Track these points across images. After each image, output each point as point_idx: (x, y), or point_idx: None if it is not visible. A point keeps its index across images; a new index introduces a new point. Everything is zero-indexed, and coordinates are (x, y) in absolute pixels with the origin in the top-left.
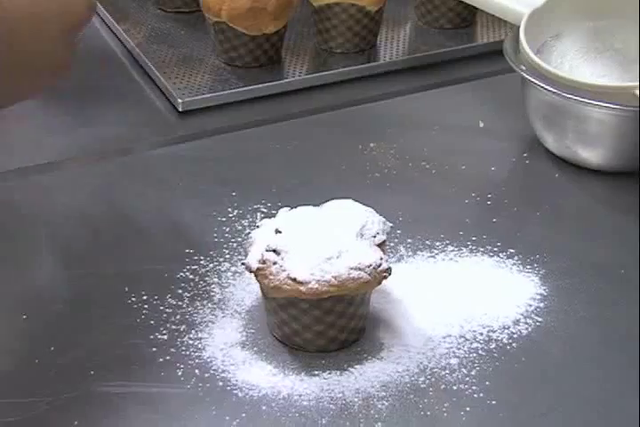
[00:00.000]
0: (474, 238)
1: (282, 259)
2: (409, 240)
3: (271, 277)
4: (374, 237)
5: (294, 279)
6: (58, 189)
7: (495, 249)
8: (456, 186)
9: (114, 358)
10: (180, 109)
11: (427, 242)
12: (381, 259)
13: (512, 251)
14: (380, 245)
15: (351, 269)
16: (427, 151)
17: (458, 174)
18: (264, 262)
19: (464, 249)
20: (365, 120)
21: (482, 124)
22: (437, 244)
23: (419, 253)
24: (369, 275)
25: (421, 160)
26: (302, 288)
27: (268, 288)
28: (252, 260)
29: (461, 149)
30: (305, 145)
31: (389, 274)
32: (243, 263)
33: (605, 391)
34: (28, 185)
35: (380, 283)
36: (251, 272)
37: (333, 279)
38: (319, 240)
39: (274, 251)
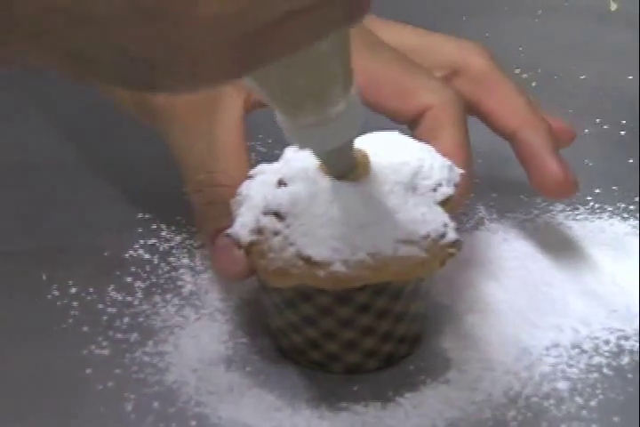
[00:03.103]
0: (597, 191)
1: (287, 226)
2: (493, 195)
3: (272, 255)
4: (434, 190)
5: (308, 259)
6: None
7: (631, 208)
8: (570, 106)
9: (26, 386)
10: None
11: (521, 197)
12: (446, 226)
13: None
14: (445, 204)
15: (398, 242)
16: (524, 51)
17: (573, 88)
18: (260, 233)
19: (581, 208)
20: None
21: (614, 6)
22: (538, 200)
23: (508, 214)
24: (426, 251)
25: (515, 65)
26: (321, 273)
27: (267, 273)
28: (242, 229)
29: (579, 49)
30: None
31: (459, 250)
32: (227, 234)
33: None
34: None
35: (443, 264)
36: (240, 248)
37: (369, 258)
38: (347, 197)
39: (275, 214)
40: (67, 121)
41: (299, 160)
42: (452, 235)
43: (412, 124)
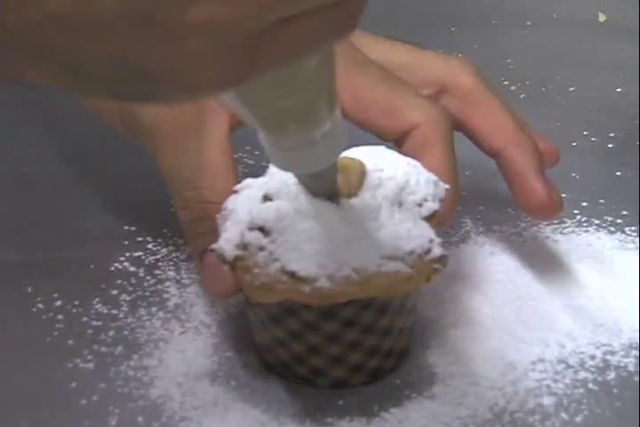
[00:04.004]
0: (584, 204)
1: (273, 242)
2: (479, 207)
3: (257, 270)
4: (420, 205)
5: (293, 274)
6: None
7: (618, 222)
8: (558, 118)
9: (8, 400)
10: None
11: (508, 210)
12: (431, 241)
13: None
14: (431, 219)
15: (383, 257)
16: (512, 63)
17: (562, 99)
18: (245, 248)
19: (568, 222)
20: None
21: (603, 18)
22: (525, 213)
23: (495, 227)
24: (411, 267)
25: (504, 76)
26: (306, 288)
27: (252, 288)
28: (227, 244)
29: (568, 61)
30: None
31: (444, 265)
32: (212, 249)
33: None
34: None
35: (429, 280)
36: (225, 263)
37: (355, 274)
38: (332, 212)
39: (260, 229)
40: (55, 133)
41: (284, 175)
42: (437, 250)
43: (398, 142)
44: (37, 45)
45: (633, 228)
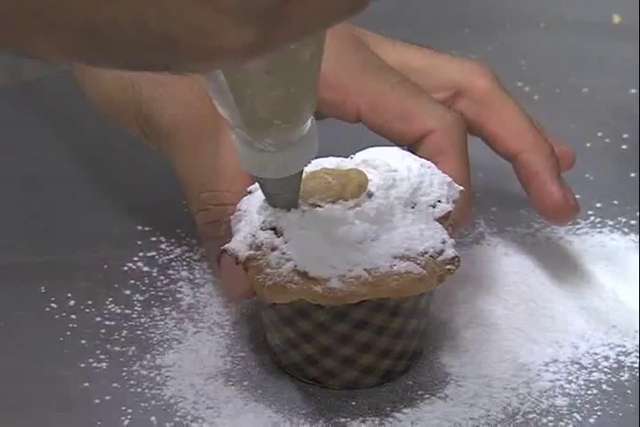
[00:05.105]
0: (598, 205)
1: (285, 242)
2: (493, 208)
3: (269, 270)
4: (434, 206)
5: (305, 274)
6: None
7: (632, 223)
8: (572, 120)
9: (22, 399)
10: None
11: (521, 211)
12: (444, 242)
13: None
14: (444, 220)
15: (395, 258)
16: (526, 64)
17: (576, 101)
18: (258, 248)
19: (582, 222)
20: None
21: (617, 19)
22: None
23: (508, 228)
24: (424, 268)
25: (518, 78)
26: (318, 288)
27: (264, 289)
28: (239, 244)
29: (582, 62)
30: None
31: (457, 266)
32: (224, 250)
33: None
34: None
35: (442, 280)
36: (237, 264)
37: (367, 274)
38: (344, 212)
39: (273, 229)
40: (66, 134)
41: None
42: (450, 251)
43: (413, 147)
44: (52, 9)
45: None
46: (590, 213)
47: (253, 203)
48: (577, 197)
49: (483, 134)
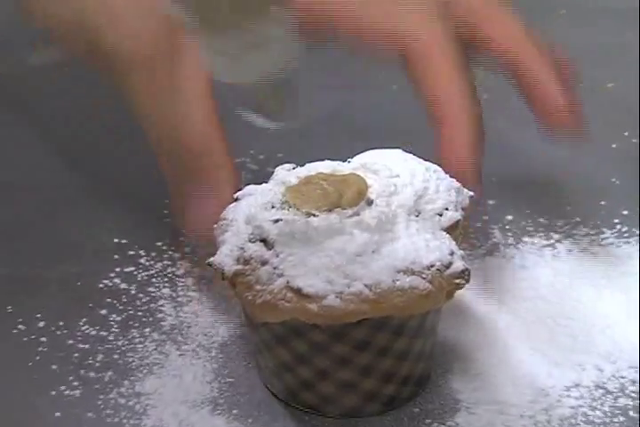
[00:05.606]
0: (624, 213)
1: (277, 256)
2: (508, 217)
3: (259, 287)
4: (440, 215)
5: (299, 291)
6: None
7: None
8: (595, 118)
9: None
10: None
11: (540, 220)
12: (452, 254)
13: None
14: (452, 230)
15: (399, 272)
16: None
17: (599, 96)
18: (246, 262)
19: (607, 232)
20: None
21: None
22: (559, 223)
23: (525, 239)
24: (430, 283)
25: None
26: (313, 306)
27: (253, 307)
28: (226, 258)
29: (607, 51)
30: None
31: (467, 280)
32: (209, 264)
33: None
34: None
35: (450, 296)
36: (224, 279)
37: (367, 291)
38: (342, 222)
39: (263, 241)
40: (41, 142)
41: (291, 181)
42: (458, 264)
43: (403, 64)
44: None
45: None
46: (616, 221)
47: (241, 211)
48: (601, 203)
49: (479, 39)
